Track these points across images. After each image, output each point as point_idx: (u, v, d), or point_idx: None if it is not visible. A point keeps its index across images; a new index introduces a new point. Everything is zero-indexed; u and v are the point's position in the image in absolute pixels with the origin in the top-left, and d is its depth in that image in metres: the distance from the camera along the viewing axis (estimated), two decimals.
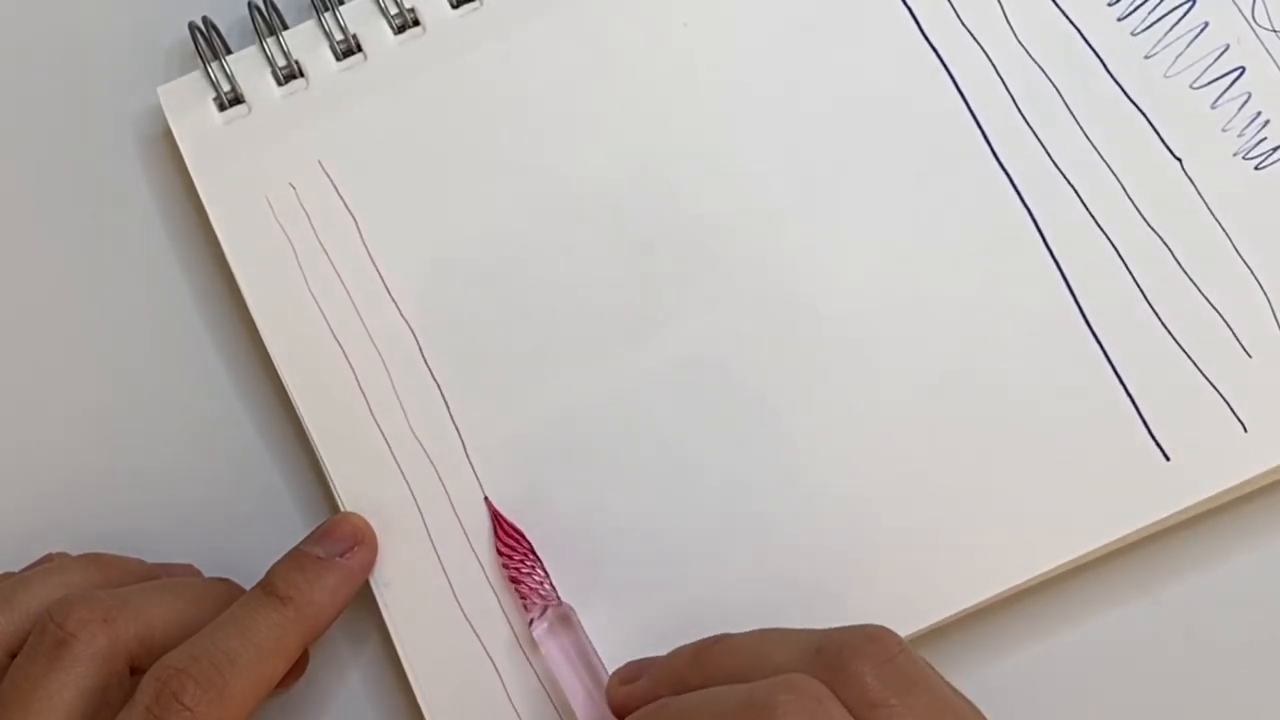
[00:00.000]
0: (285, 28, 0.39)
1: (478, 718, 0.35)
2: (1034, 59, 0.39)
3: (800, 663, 0.29)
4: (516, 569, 0.36)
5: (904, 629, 0.34)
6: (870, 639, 0.30)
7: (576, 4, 0.39)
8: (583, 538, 0.36)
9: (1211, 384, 0.36)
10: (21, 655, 0.33)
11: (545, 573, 0.36)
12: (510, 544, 0.36)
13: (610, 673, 0.34)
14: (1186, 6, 0.39)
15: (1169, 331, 0.37)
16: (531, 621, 0.35)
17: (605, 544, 0.36)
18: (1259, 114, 0.38)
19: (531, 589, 0.35)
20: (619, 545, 0.36)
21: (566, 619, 0.35)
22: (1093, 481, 0.36)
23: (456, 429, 0.37)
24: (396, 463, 0.37)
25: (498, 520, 0.36)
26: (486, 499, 0.36)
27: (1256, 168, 0.38)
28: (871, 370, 0.37)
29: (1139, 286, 0.37)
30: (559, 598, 0.35)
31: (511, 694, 0.35)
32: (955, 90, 0.38)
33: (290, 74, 0.39)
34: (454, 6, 0.39)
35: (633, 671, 0.34)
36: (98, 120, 0.41)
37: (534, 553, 0.36)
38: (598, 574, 0.36)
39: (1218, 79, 0.38)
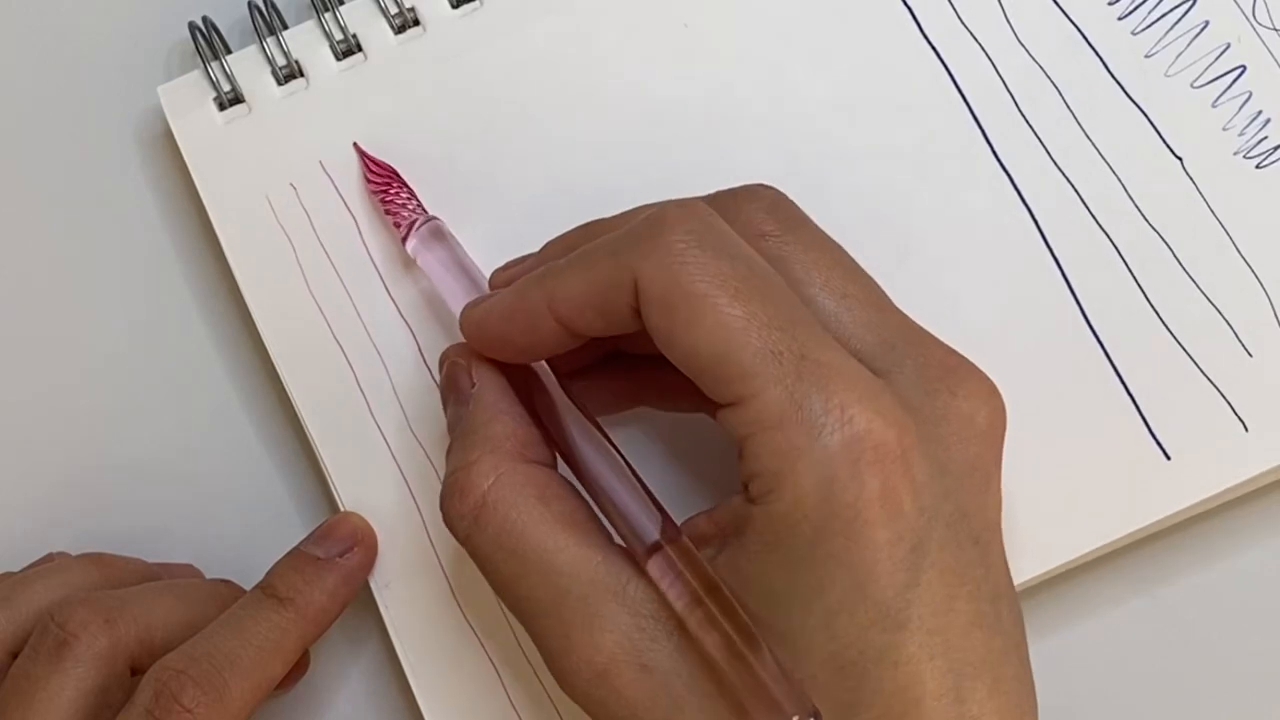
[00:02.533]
0: (285, 28, 0.39)
1: (477, 718, 0.35)
2: (1034, 59, 0.38)
3: None
4: (384, 192, 0.36)
5: None
6: (761, 186, 0.31)
7: (577, 4, 0.39)
8: None
9: (1212, 383, 0.36)
10: (23, 655, 0.33)
11: (412, 192, 0.36)
12: (377, 174, 0.37)
13: (485, 278, 0.35)
14: (1187, 6, 0.39)
15: (1170, 330, 0.37)
16: (405, 239, 0.35)
17: None
18: (1260, 113, 0.38)
19: (399, 206, 0.36)
20: None
21: (438, 231, 0.35)
22: (1093, 481, 0.36)
23: None
24: (396, 463, 0.37)
25: (365, 158, 0.37)
26: (355, 144, 0.37)
27: (1257, 167, 0.38)
28: None
29: (1140, 286, 0.37)
30: (427, 212, 0.36)
31: (511, 694, 0.35)
32: (955, 90, 0.38)
33: (290, 74, 0.39)
34: (454, 6, 0.39)
35: (513, 261, 0.34)
36: (98, 120, 0.41)
37: (400, 178, 0.37)
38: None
39: (1218, 78, 0.38)
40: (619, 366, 0.33)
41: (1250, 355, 0.37)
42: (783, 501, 0.27)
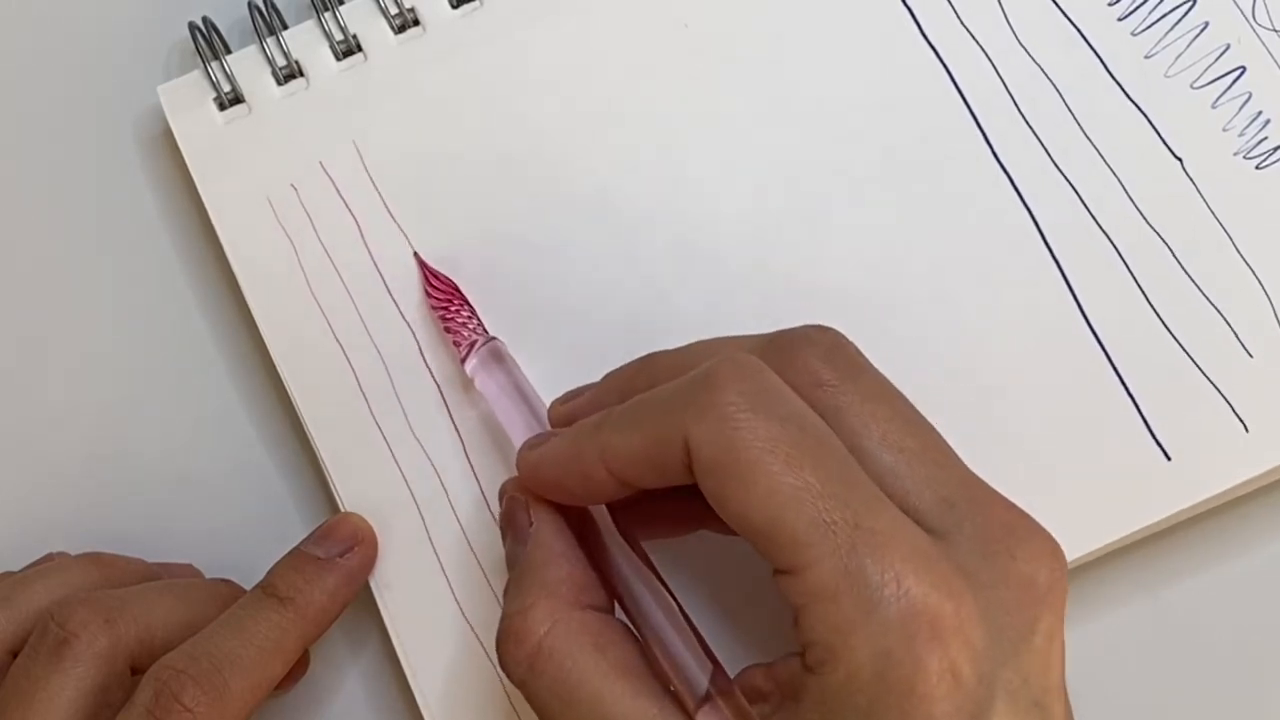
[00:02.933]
0: (285, 28, 0.39)
1: (477, 718, 0.35)
2: (1034, 59, 0.38)
3: (750, 353, 0.30)
4: (445, 309, 0.36)
5: None
6: (819, 330, 0.31)
7: (576, 4, 0.39)
8: None
9: (1212, 383, 0.36)
10: (23, 655, 0.33)
11: (473, 310, 0.36)
12: (439, 289, 0.36)
13: (543, 403, 0.34)
14: (1187, 6, 0.39)
15: (1170, 331, 0.37)
16: (464, 360, 0.35)
17: None
18: (1259, 113, 0.38)
19: (459, 325, 0.36)
20: None
21: (498, 353, 0.35)
22: (1093, 481, 0.36)
23: (457, 430, 0.37)
24: (397, 463, 0.37)
25: (424, 269, 0.37)
26: (415, 254, 0.37)
27: (1257, 167, 0.38)
28: None
29: (1140, 286, 0.37)
30: (488, 333, 0.36)
31: (512, 695, 0.35)
32: (955, 90, 0.38)
33: (290, 74, 0.39)
34: (454, 6, 0.39)
35: (574, 392, 0.34)
36: (98, 120, 0.41)
37: (461, 293, 0.36)
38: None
39: (1218, 79, 0.38)
40: (681, 490, 0.31)
41: (1250, 356, 0.37)
42: (837, 674, 0.27)
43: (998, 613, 0.28)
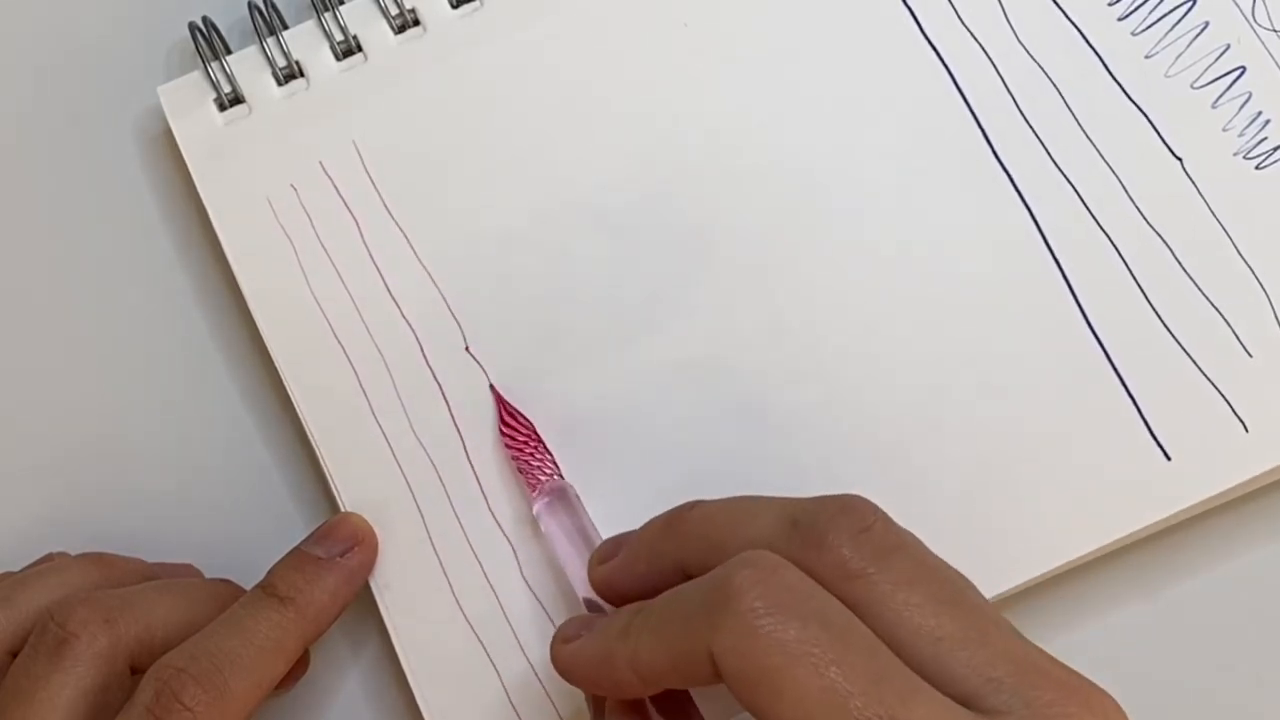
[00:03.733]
0: (285, 28, 0.39)
1: (477, 718, 0.35)
2: (1034, 59, 0.38)
3: (774, 536, 0.29)
4: (519, 450, 0.36)
5: None
6: (845, 509, 0.29)
7: (577, 4, 0.39)
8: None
9: (1212, 384, 0.36)
10: (23, 655, 0.33)
11: (548, 452, 0.36)
12: (514, 426, 0.36)
13: None
14: (1187, 6, 0.39)
15: (1170, 331, 0.37)
16: (532, 499, 0.35)
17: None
18: (1259, 114, 0.38)
19: (534, 468, 0.35)
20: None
21: (564, 495, 0.35)
22: (1093, 481, 0.36)
23: (457, 429, 0.37)
24: (397, 463, 0.37)
25: (501, 405, 0.36)
26: (491, 385, 0.36)
27: (1257, 167, 0.38)
28: (871, 370, 0.37)
29: (1140, 286, 0.37)
30: (561, 476, 0.36)
31: (512, 695, 0.35)
32: (955, 90, 0.38)
33: (290, 74, 0.39)
34: (454, 7, 0.39)
35: (610, 549, 0.33)
36: (98, 120, 0.41)
37: (537, 434, 0.36)
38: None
39: (1218, 79, 0.38)
40: None
41: (1250, 356, 0.37)
42: None
43: None
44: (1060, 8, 0.39)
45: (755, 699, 0.27)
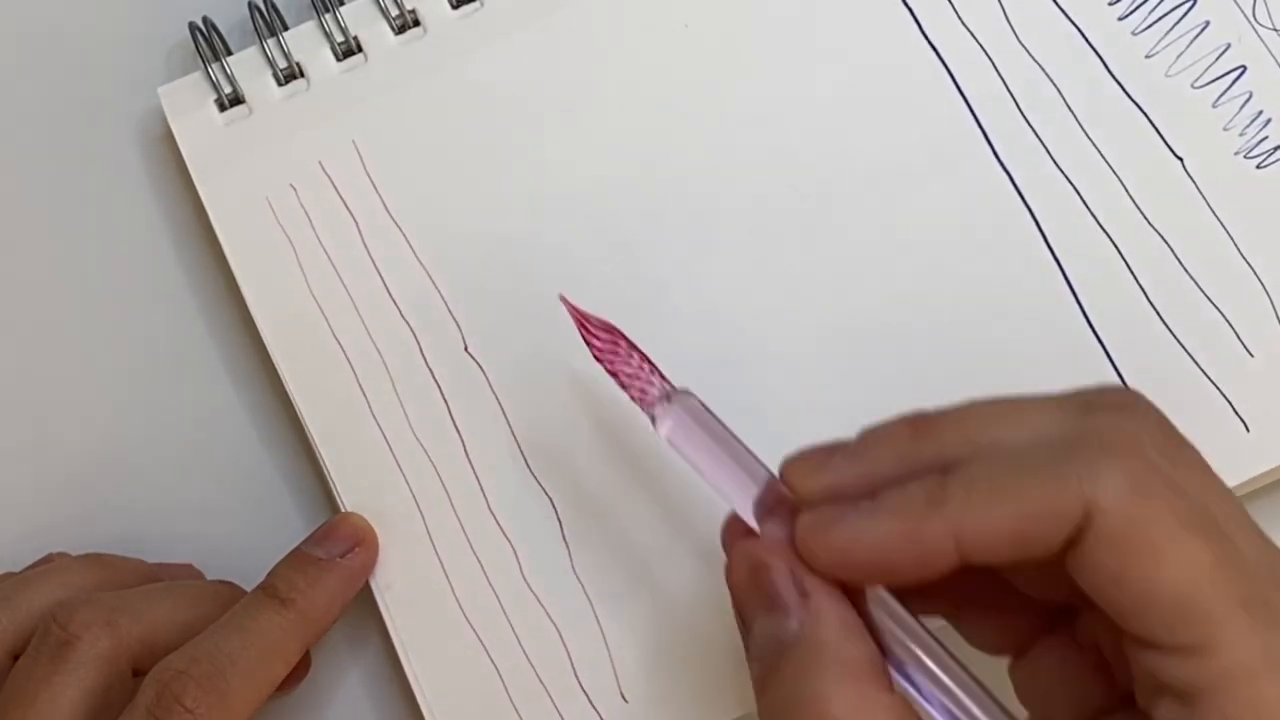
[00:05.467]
0: (285, 28, 0.39)
1: (478, 719, 0.35)
2: (1035, 59, 0.38)
3: (1066, 421, 0.27)
4: (621, 366, 0.31)
5: None
6: (1134, 398, 0.28)
7: (577, 5, 0.39)
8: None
9: (1213, 383, 0.36)
10: (25, 656, 0.33)
11: (646, 358, 0.31)
12: (605, 338, 0.31)
13: (748, 449, 0.30)
14: (1187, 6, 0.39)
15: (1170, 331, 0.37)
16: (654, 420, 0.30)
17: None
18: (1260, 113, 0.38)
19: (640, 381, 0.31)
20: None
21: (695, 410, 0.30)
22: None
23: (457, 429, 0.37)
24: (397, 463, 0.37)
25: (578, 316, 0.32)
26: (562, 296, 0.32)
27: (1258, 167, 0.38)
28: (870, 370, 0.37)
29: (1140, 286, 0.37)
30: (672, 384, 0.31)
31: (513, 695, 0.35)
32: (955, 90, 0.38)
33: (291, 75, 0.39)
34: (454, 7, 0.39)
35: (817, 457, 0.29)
36: (98, 120, 0.41)
37: (631, 343, 0.31)
38: None
39: (1219, 78, 0.38)
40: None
41: (1251, 356, 0.37)
42: None
43: None
44: (1060, 8, 0.39)
45: (1127, 563, 0.25)
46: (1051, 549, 0.25)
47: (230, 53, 0.39)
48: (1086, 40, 0.39)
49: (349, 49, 0.39)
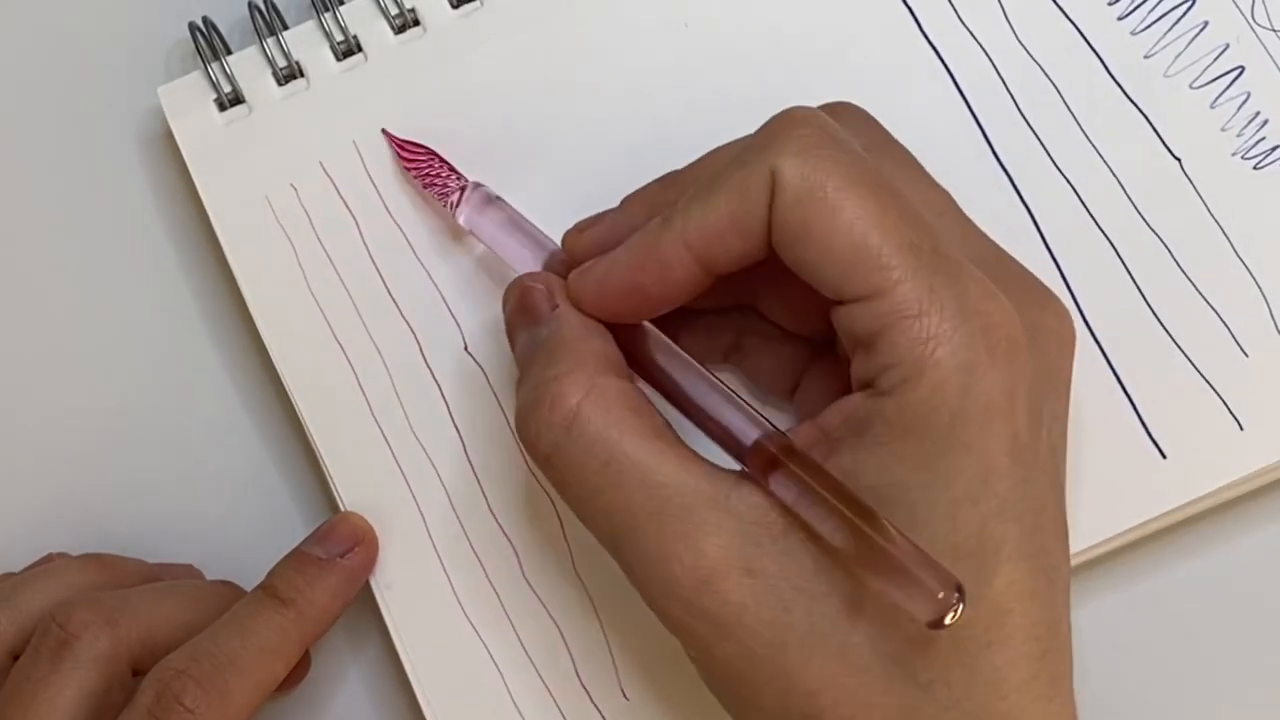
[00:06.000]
0: (285, 28, 0.39)
1: (479, 718, 0.35)
2: (1034, 58, 0.39)
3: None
4: (424, 172, 0.36)
5: None
6: (845, 105, 0.33)
7: (577, 5, 0.39)
8: None
9: (1209, 382, 0.37)
10: (24, 656, 0.33)
11: (452, 166, 0.36)
12: (412, 152, 0.37)
13: (545, 234, 0.35)
14: (1186, 6, 0.39)
15: (1167, 330, 0.37)
16: (453, 210, 0.35)
17: None
18: (1258, 113, 0.38)
19: (442, 180, 0.36)
20: None
21: (487, 196, 0.35)
22: (1090, 479, 0.36)
23: (457, 429, 0.37)
24: (397, 463, 0.37)
25: (394, 140, 0.37)
26: (384, 130, 0.37)
27: (1255, 167, 0.38)
28: None
29: (1137, 285, 0.37)
30: (470, 180, 0.36)
31: (513, 693, 0.35)
32: (955, 90, 0.38)
33: (290, 74, 0.39)
34: (454, 7, 0.39)
35: (590, 222, 0.33)
36: (98, 120, 0.41)
37: (435, 153, 0.37)
38: None
39: (1217, 78, 0.38)
40: (703, 322, 0.34)
41: (1246, 355, 0.37)
42: (922, 388, 0.27)
43: (1036, 353, 0.29)
44: (1060, 8, 0.39)
45: (809, 218, 0.28)
46: (763, 228, 0.28)
47: (230, 52, 0.39)
48: (1086, 40, 0.39)
49: (349, 49, 0.39)
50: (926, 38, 0.39)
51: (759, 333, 0.34)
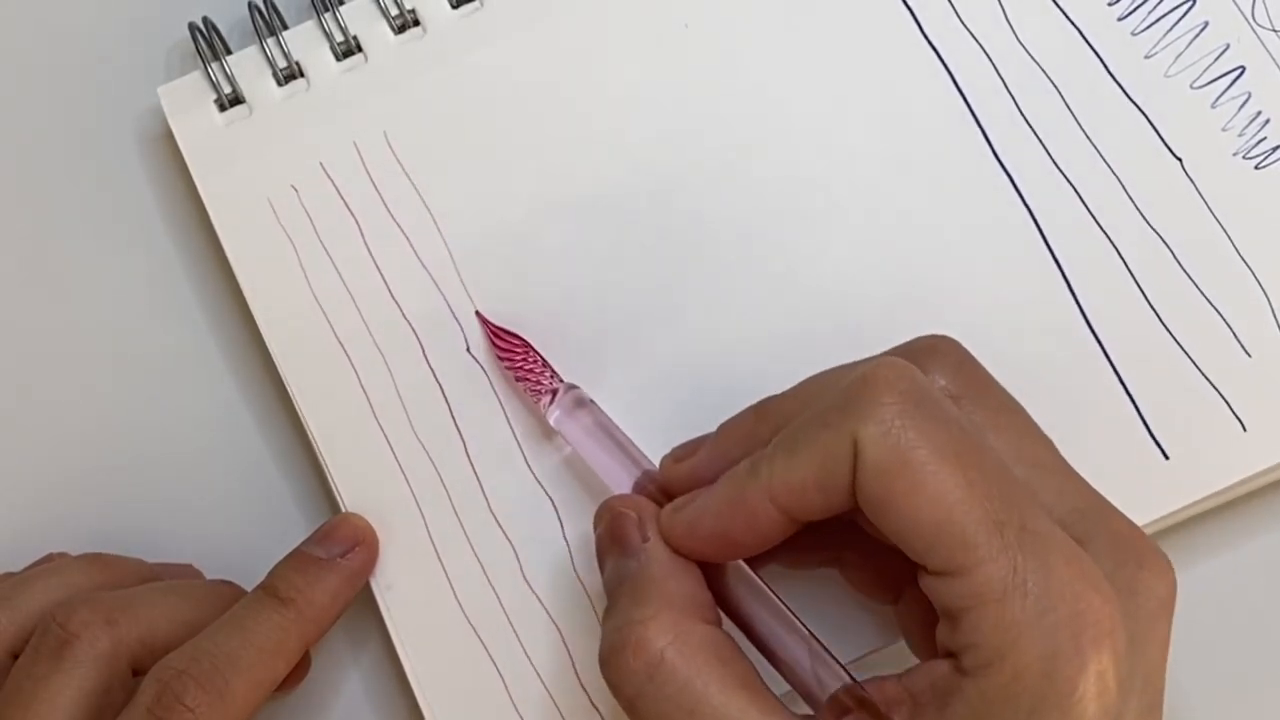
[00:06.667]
0: (285, 28, 0.39)
1: (479, 718, 0.35)
2: (1034, 59, 0.39)
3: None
4: (520, 366, 0.36)
5: None
6: (941, 341, 0.31)
7: (577, 5, 0.39)
8: None
9: (1211, 383, 0.37)
10: (24, 656, 0.33)
11: (546, 362, 0.36)
12: (507, 342, 0.36)
13: (634, 444, 0.34)
14: (1186, 6, 0.39)
15: (1169, 331, 0.37)
16: (545, 410, 0.35)
17: None
18: (1259, 113, 0.38)
19: (536, 376, 0.36)
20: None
21: (580, 400, 0.35)
22: (1092, 480, 0.36)
23: (459, 430, 0.37)
24: (398, 463, 0.37)
25: (488, 326, 0.36)
26: (478, 312, 0.37)
27: (1256, 167, 0.38)
28: None
29: (1139, 286, 0.37)
30: (563, 380, 0.36)
31: (514, 695, 0.35)
32: (955, 90, 0.38)
33: (291, 74, 0.39)
34: (454, 7, 0.39)
35: (687, 448, 0.33)
36: (98, 120, 0.41)
37: (531, 346, 0.36)
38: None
39: (1218, 79, 0.38)
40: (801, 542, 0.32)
41: (1249, 355, 0.37)
42: (1002, 675, 0.27)
43: (1130, 621, 0.28)
44: (1060, 8, 0.39)
45: (891, 490, 0.27)
46: (847, 491, 0.28)
47: (230, 53, 0.39)
48: (1086, 40, 0.39)
49: (349, 49, 0.39)
50: (926, 38, 0.39)
51: (859, 546, 0.33)
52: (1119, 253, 0.37)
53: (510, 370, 0.36)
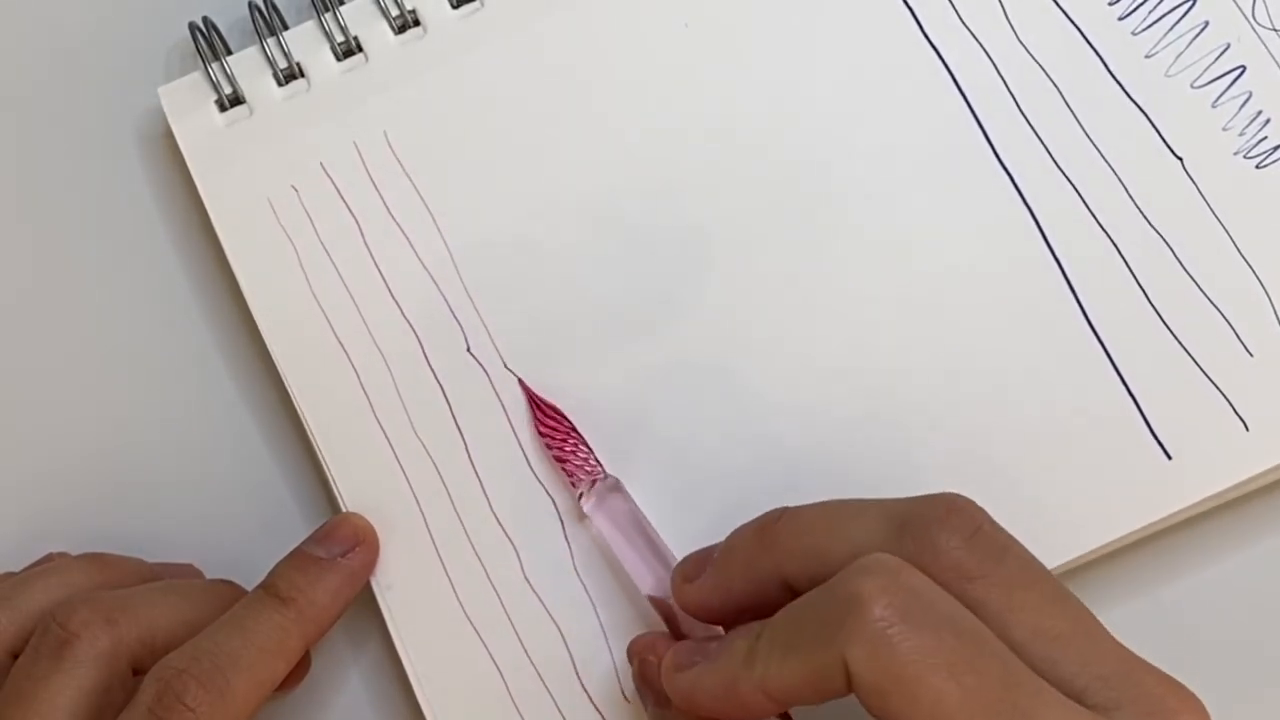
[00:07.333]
0: (285, 28, 0.39)
1: (480, 718, 0.35)
2: (1035, 58, 0.39)
3: (883, 540, 0.29)
4: (560, 447, 0.36)
5: None
6: (952, 510, 0.30)
7: (577, 4, 0.39)
8: None
9: (1213, 383, 0.36)
10: (24, 656, 0.33)
11: (589, 448, 0.36)
12: (550, 423, 0.36)
13: (662, 541, 0.35)
14: (1187, 6, 0.39)
15: (1170, 330, 0.37)
16: (580, 496, 0.35)
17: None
18: (1259, 113, 0.38)
19: (577, 465, 0.36)
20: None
21: (615, 489, 0.35)
22: (1094, 480, 0.36)
23: (459, 430, 0.37)
24: (398, 463, 0.37)
25: (533, 400, 0.36)
26: (520, 380, 0.37)
27: (1257, 166, 0.38)
28: (870, 370, 0.37)
29: (1140, 285, 0.37)
30: (605, 470, 0.36)
31: (514, 694, 0.35)
32: (956, 90, 0.38)
33: (291, 75, 0.39)
34: (454, 7, 0.39)
35: (694, 566, 0.33)
36: (98, 121, 0.41)
37: (575, 429, 0.36)
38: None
39: (1218, 78, 0.38)
40: None
41: (1251, 355, 0.37)
42: None
43: None
44: (1060, 8, 0.39)
45: (888, 708, 0.27)
46: (844, 691, 0.28)
47: (230, 53, 0.39)
48: (1086, 40, 0.39)
49: (349, 49, 0.39)
50: (927, 38, 0.39)
51: None
52: (1120, 252, 0.37)
53: (550, 449, 0.36)
